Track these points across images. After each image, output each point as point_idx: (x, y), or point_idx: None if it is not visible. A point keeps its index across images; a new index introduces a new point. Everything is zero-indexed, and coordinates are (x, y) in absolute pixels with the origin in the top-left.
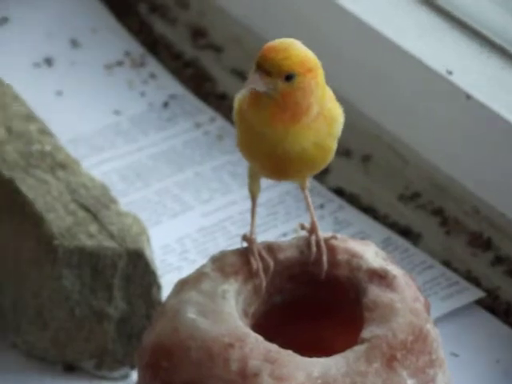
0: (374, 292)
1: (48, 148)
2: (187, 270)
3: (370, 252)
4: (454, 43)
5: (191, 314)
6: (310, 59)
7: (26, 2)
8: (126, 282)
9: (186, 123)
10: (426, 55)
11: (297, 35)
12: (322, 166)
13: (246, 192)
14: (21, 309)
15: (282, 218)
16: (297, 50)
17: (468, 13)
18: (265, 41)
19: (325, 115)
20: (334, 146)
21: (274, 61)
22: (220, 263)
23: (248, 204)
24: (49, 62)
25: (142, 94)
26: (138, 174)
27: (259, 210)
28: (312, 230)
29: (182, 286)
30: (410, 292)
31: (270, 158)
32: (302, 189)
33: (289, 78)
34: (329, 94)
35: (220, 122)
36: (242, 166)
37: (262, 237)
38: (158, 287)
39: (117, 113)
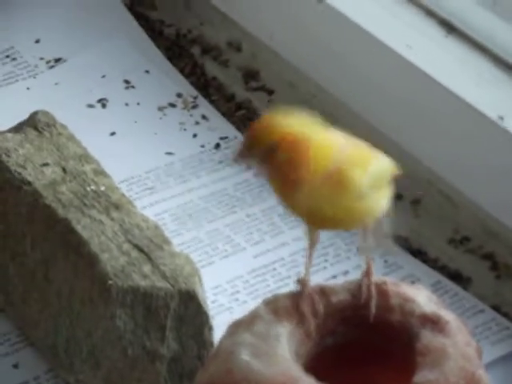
0: (427, 337)
1: (102, 188)
2: (238, 311)
3: (422, 296)
4: (506, 88)
5: (245, 355)
6: (293, 130)
7: (81, 43)
8: (179, 322)
9: (238, 165)
10: (478, 101)
11: (349, 80)
12: (356, 224)
13: (295, 234)
14: (74, 348)
15: (332, 260)
16: (279, 124)
17: None
18: (316, 84)
19: (334, 176)
20: (361, 205)
21: (254, 138)
22: (273, 306)
23: (298, 245)
24: (103, 103)
25: (194, 136)
26: (189, 214)
27: None
28: (367, 272)
29: (236, 327)
30: (462, 337)
31: (296, 214)
32: (364, 229)
33: (271, 150)
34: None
35: None
36: None
37: (312, 278)
38: (210, 328)
39: (169, 154)
